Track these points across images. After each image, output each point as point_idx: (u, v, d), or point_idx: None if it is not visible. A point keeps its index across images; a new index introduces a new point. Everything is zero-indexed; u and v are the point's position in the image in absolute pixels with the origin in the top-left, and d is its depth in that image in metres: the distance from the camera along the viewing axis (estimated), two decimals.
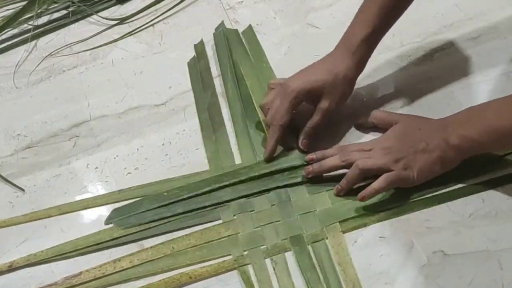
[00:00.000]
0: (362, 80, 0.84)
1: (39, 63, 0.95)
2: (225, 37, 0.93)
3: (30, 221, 0.75)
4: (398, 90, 0.83)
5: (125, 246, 0.71)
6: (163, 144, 0.82)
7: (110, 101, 0.88)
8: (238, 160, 0.78)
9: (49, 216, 0.75)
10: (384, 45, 0.88)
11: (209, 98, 0.86)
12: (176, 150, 0.81)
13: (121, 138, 0.83)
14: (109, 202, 0.76)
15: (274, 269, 0.67)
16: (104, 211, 0.75)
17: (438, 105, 0.79)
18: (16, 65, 0.95)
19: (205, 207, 0.73)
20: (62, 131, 0.85)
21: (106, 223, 0.73)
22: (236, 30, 0.95)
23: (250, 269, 0.67)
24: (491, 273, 0.64)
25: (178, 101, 0.87)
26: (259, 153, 0.78)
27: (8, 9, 1.04)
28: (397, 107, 0.80)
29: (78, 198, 0.77)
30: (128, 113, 0.87)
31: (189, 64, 0.91)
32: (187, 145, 0.81)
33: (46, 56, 0.96)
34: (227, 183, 0.75)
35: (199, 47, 0.94)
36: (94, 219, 0.74)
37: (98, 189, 0.78)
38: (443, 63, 0.85)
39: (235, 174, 0.76)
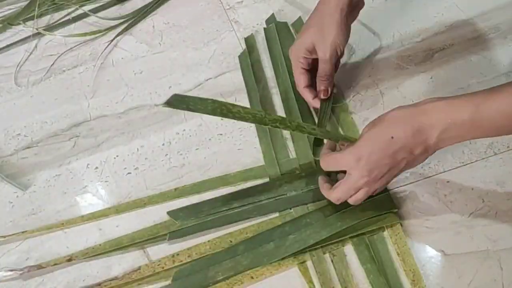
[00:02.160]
0: (362, 80, 0.84)
1: (39, 63, 0.95)
2: (277, 29, 0.93)
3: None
4: (398, 90, 0.83)
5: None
6: (163, 144, 0.82)
7: (110, 101, 0.88)
8: (292, 154, 0.78)
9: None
10: (384, 45, 0.88)
11: (261, 91, 0.86)
12: (176, 150, 0.81)
13: (121, 138, 0.83)
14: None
15: (332, 261, 0.67)
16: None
17: None
18: (17, 65, 0.95)
19: (261, 200, 0.73)
20: (62, 131, 0.85)
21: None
22: (286, 23, 0.94)
23: (309, 264, 0.68)
24: (491, 273, 0.64)
25: None
26: (312, 146, 0.76)
27: (8, 9, 1.04)
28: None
29: (78, 198, 0.77)
30: (128, 113, 0.87)
31: (240, 57, 0.91)
32: (187, 145, 0.81)
33: (46, 56, 0.96)
34: (285, 182, 0.75)
35: (250, 40, 0.93)
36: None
37: (98, 189, 0.78)
38: (443, 63, 0.85)
39: (293, 173, 0.75)
